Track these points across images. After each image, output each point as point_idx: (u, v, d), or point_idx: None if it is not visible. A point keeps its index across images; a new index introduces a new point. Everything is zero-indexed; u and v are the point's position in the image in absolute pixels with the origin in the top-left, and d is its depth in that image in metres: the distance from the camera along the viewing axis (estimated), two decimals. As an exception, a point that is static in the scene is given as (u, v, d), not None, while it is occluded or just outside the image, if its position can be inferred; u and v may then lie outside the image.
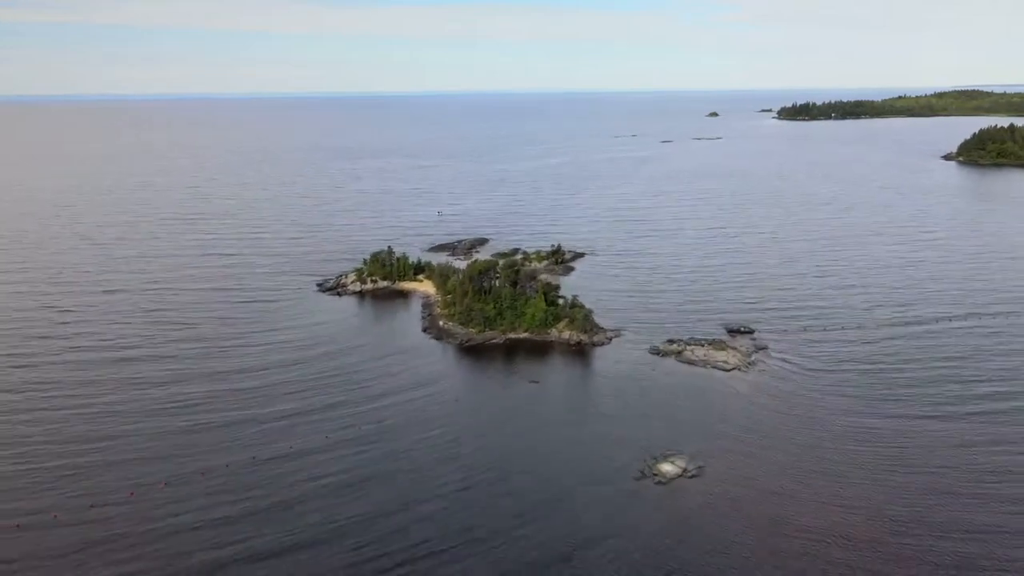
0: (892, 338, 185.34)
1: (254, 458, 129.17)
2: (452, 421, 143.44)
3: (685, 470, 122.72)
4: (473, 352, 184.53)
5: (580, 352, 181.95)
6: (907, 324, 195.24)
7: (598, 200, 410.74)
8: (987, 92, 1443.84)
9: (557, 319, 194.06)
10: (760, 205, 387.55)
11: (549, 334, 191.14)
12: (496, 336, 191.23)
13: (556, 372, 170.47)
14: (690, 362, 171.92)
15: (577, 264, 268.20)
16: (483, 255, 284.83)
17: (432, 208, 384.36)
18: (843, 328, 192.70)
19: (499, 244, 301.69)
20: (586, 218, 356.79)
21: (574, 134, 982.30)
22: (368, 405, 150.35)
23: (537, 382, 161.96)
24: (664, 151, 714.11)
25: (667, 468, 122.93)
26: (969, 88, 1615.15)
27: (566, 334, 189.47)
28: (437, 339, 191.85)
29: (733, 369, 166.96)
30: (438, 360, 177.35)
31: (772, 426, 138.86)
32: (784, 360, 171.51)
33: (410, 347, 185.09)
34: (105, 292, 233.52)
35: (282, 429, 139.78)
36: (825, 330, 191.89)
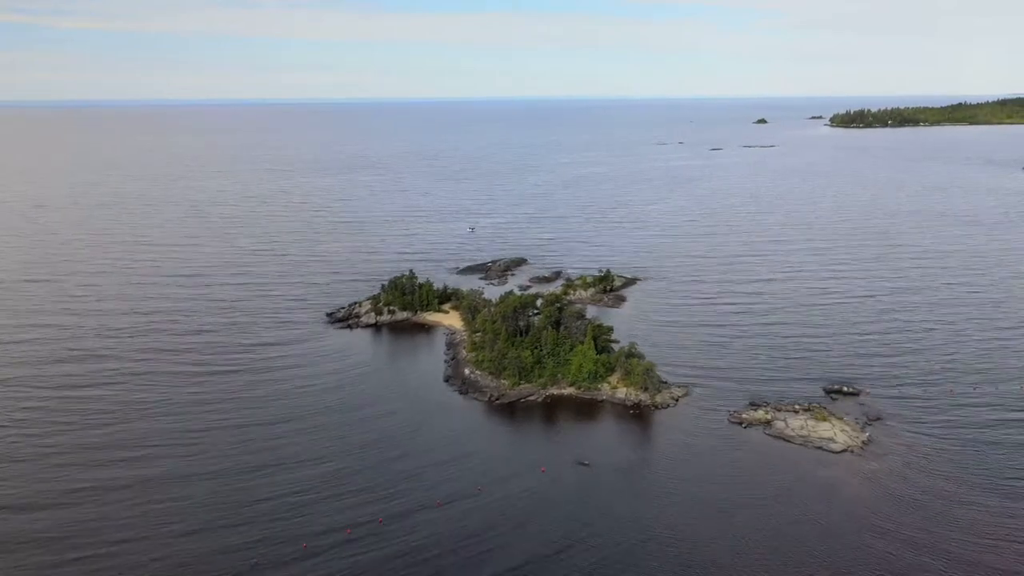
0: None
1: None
2: (467, 530, 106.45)
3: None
4: (505, 412, 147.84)
5: (639, 416, 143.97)
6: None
7: (649, 215, 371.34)
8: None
9: (609, 371, 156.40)
10: (845, 224, 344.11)
11: (600, 390, 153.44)
12: (534, 392, 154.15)
13: (610, 449, 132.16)
14: (784, 437, 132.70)
15: (628, 292, 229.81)
16: (520, 278, 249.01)
17: (464, 223, 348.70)
18: (976, 384, 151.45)
19: (538, 266, 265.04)
20: (637, 236, 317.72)
21: (617, 142, 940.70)
22: (350, 492, 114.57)
23: (587, 465, 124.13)
24: (717, 161, 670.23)
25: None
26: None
27: (621, 391, 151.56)
28: (461, 393, 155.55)
29: (844, 451, 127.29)
30: (458, 424, 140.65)
31: (922, 547, 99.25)
32: (910, 437, 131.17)
33: (426, 405, 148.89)
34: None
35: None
36: (953, 392, 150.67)
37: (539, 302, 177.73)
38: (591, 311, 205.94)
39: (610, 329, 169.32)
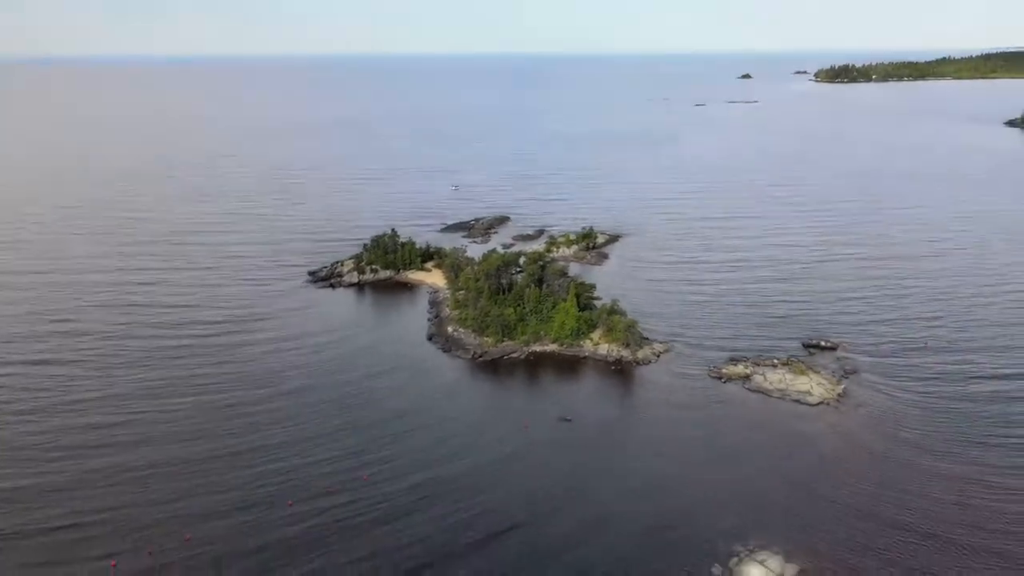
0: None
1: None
2: (448, 485, 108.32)
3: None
4: (488, 369, 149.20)
5: (620, 372, 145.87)
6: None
7: (632, 173, 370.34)
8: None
9: (592, 327, 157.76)
10: (830, 183, 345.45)
11: (582, 347, 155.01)
12: (516, 349, 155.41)
13: (592, 404, 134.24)
14: (762, 391, 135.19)
15: (611, 250, 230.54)
16: (503, 236, 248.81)
17: (447, 182, 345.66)
18: (950, 340, 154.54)
19: (522, 224, 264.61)
20: (621, 194, 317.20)
21: (605, 97, 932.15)
22: (337, 447, 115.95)
23: (569, 420, 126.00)
24: (700, 117, 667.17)
25: (755, 574, 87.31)
26: (1018, 50, 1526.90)
27: (603, 348, 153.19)
28: (444, 350, 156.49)
29: (820, 403, 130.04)
30: (442, 381, 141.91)
31: (895, 498, 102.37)
32: (884, 389, 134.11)
33: (409, 362, 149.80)
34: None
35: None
36: (927, 344, 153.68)
37: (522, 260, 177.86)
38: (574, 268, 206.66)
39: (592, 287, 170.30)
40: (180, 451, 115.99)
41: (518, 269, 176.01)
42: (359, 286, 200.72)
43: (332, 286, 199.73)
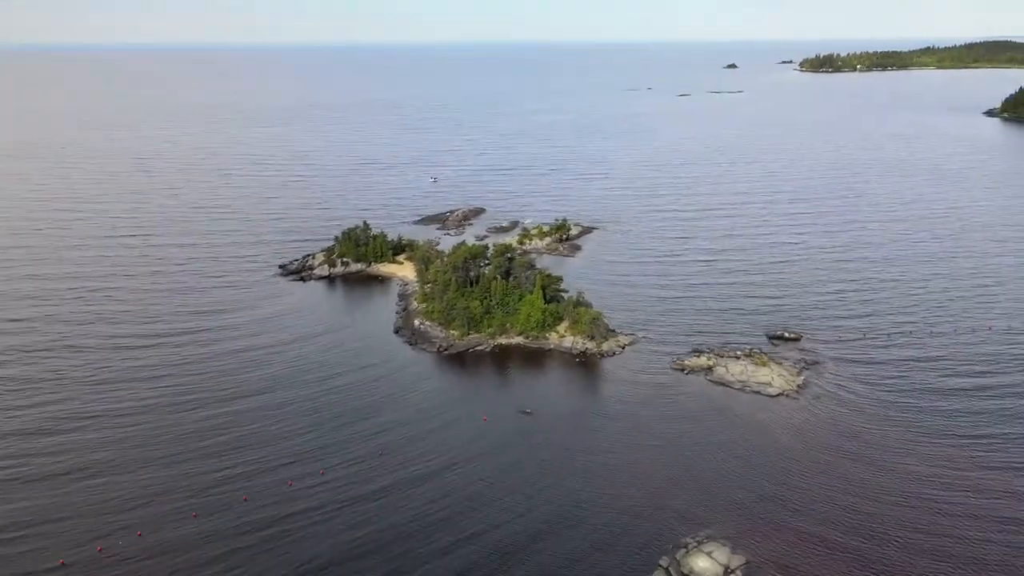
0: (976, 346, 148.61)
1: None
2: (402, 478, 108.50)
3: (728, 570, 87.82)
4: (453, 362, 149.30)
5: (585, 364, 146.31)
6: (1008, 333, 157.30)
7: (611, 164, 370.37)
8: (1019, 43, 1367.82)
9: (558, 320, 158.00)
10: (808, 176, 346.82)
11: (547, 339, 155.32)
12: (482, 342, 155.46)
13: (554, 396, 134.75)
14: (724, 383, 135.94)
15: (584, 242, 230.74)
16: (477, 228, 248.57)
17: (426, 174, 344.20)
18: (915, 334, 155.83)
19: (497, 215, 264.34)
20: (598, 186, 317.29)
21: (586, 88, 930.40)
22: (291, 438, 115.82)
23: (529, 413, 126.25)
24: (683, 108, 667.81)
25: (701, 566, 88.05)
26: (1000, 39, 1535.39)
27: (568, 340, 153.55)
28: (410, 344, 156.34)
29: (779, 394, 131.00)
30: (405, 375, 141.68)
31: (841, 489, 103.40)
32: (843, 381, 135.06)
33: (374, 356, 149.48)
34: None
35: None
36: (890, 336, 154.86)
37: (489, 252, 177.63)
38: (546, 260, 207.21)
39: (559, 279, 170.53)
40: (137, 454, 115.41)
41: (486, 262, 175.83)
42: (330, 279, 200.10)
43: (303, 279, 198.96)
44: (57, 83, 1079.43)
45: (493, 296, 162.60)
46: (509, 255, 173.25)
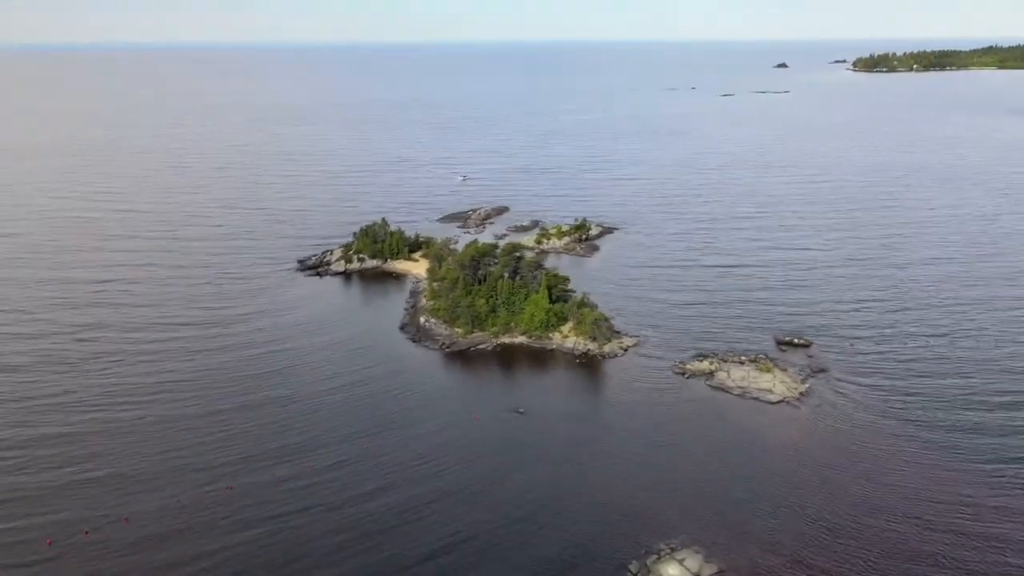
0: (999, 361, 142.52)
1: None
2: (381, 478, 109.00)
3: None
4: (455, 360, 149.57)
5: (587, 365, 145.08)
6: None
7: (644, 165, 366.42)
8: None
9: (562, 320, 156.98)
10: (843, 184, 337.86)
11: (551, 339, 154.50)
12: (485, 340, 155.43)
13: (550, 396, 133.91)
14: (724, 388, 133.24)
15: (603, 242, 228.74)
16: (498, 227, 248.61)
17: (456, 172, 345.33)
18: (935, 348, 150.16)
19: (519, 214, 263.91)
20: (627, 187, 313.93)
21: (628, 87, 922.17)
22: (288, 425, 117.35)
23: (522, 412, 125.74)
24: (724, 108, 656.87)
25: (671, 573, 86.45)
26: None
27: (571, 341, 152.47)
28: (414, 341, 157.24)
29: (780, 402, 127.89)
30: (407, 373, 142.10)
31: (820, 502, 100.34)
32: (848, 391, 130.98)
33: (379, 353, 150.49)
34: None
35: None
36: (906, 348, 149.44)
37: (498, 251, 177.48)
38: (563, 260, 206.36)
39: (566, 279, 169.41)
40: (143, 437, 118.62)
41: (495, 260, 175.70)
42: (346, 275, 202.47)
43: (319, 274, 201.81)
44: (78, 82, 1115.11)
45: (499, 295, 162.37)
46: (517, 254, 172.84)
